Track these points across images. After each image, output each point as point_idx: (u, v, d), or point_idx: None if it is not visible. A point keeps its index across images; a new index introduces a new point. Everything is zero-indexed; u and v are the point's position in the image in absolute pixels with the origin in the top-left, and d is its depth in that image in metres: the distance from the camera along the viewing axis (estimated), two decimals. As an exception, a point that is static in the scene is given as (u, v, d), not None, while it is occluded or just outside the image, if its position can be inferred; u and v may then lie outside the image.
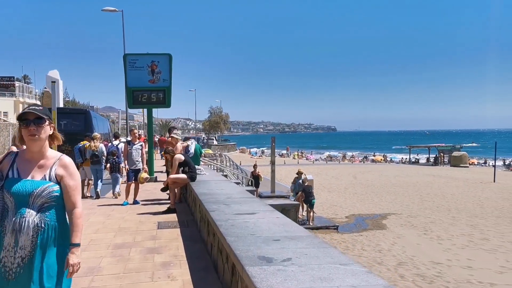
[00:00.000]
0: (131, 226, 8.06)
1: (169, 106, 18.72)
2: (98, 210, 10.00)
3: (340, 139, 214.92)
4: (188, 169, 9.32)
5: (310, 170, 44.66)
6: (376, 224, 16.77)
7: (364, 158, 70.24)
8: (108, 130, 28.25)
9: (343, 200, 23.22)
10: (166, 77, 18.55)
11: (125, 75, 18.20)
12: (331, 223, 15.99)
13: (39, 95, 74.00)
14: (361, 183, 32.48)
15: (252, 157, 73.35)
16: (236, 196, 7.31)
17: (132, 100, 18.18)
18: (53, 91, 10.99)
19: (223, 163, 27.31)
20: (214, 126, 79.70)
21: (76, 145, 12.87)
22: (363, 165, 56.36)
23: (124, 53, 21.84)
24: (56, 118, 21.44)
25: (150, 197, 12.39)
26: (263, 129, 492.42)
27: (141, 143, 11.20)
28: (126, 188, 11.01)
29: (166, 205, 10.34)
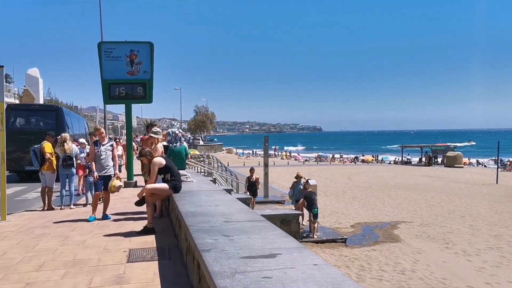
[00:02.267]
0: (92, 257, 5.86)
1: (150, 101, 16.45)
2: (54, 230, 7.75)
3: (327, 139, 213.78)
4: (170, 176, 7.15)
5: (302, 171, 42.72)
6: (388, 235, 14.77)
7: (355, 158, 68.56)
8: (85, 129, 25.82)
9: (343, 205, 21.21)
10: (147, 68, 16.27)
11: (100, 66, 15.90)
12: (337, 235, 13.93)
13: (18, 94, 70.94)
14: (358, 185, 30.57)
15: (240, 158, 71.16)
16: (237, 217, 5.17)
17: (109, 94, 15.89)
18: (0, 78, 8.70)
19: (211, 165, 25.09)
20: (200, 126, 77.28)
21: (32, 147, 10.66)
22: (355, 166, 54.58)
23: (101, 40, 19.51)
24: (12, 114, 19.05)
25: (126, 208, 10.20)
26: (249, 129, 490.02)
27: (111, 142, 8.98)
28: (94, 200, 8.80)
29: (144, 220, 8.16)
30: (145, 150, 7.31)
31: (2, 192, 8.75)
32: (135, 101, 16.65)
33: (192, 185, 8.45)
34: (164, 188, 7.08)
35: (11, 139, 18.24)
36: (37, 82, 70.74)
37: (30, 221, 8.70)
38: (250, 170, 17.75)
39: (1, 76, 8.72)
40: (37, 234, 7.41)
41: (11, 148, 18.13)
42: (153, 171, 7.12)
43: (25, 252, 6.17)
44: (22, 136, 18.16)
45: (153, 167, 7.09)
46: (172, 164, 7.32)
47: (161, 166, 7.10)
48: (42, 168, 10.41)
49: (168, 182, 7.14)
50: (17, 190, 15.51)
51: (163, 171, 7.16)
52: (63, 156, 10.47)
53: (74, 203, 10.87)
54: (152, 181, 7.13)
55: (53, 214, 9.69)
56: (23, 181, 18.27)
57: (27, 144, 18.19)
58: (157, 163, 7.09)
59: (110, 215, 8.88)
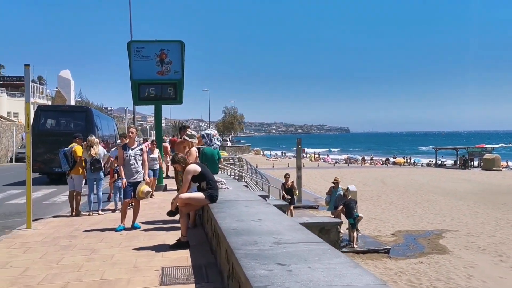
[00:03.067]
0: (120, 276, 5.20)
1: (181, 102, 15.92)
2: (81, 241, 7.17)
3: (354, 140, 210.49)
4: (206, 184, 6.44)
5: (333, 174, 41.61)
6: (433, 245, 13.72)
7: (386, 160, 66.75)
8: (114, 130, 25.56)
9: (381, 211, 20.16)
10: (178, 68, 15.73)
11: (129, 66, 15.45)
12: (379, 245, 12.99)
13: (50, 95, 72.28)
14: (392, 189, 29.35)
15: (268, 160, 70.38)
16: (288, 236, 4.40)
17: (138, 95, 15.41)
18: (26, 76, 8.19)
19: (242, 167, 24.37)
20: (229, 127, 76.88)
21: (61, 149, 10.16)
22: (387, 168, 53.00)
23: (131, 39, 19.09)
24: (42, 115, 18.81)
25: (157, 214, 9.59)
26: (275, 130, 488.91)
27: (141, 146, 8.35)
28: (122, 208, 8.19)
29: (177, 231, 7.50)
30: (178, 156, 6.62)
31: (28, 199, 8.25)
32: (165, 102, 16.15)
33: (228, 193, 7.73)
34: (200, 197, 6.38)
35: (40, 140, 18.00)
36: (69, 83, 71.92)
37: (56, 230, 8.16)
38: (285, 176, 16.86)
39: (27, 75, 8.21)
40: (63, 245, 6.83)
41: (40, 149, 17.89)
42: (186, 179, 6.43)
43: (48, 268, 5.57)
44: (51, 138, 17.89)
45: (187, 175, 6.40)
46: (208, 171, 6.61)
47: (195, 174, 6.40)
48: (72, 171, 9.96)
49: (203, 191, 6.43)
50: (46, 192, 15.18)
51: (198, 179, 6.46)
52: (91, 160, 9.97)
53: (103, 209, 10.36)
54: (185, 190, 6.44)
55: (81, 221, 9.16)
56: (53, 183, 18.01)
57: (57, 145, 17.89)
58: (191, 170, 6.40)
59: (140, 224, 8.26)
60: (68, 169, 9.96)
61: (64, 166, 9.98)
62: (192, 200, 6.40)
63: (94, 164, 9.94)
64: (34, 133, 18.33)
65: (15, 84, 58.64)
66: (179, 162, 6.52)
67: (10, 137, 36.19)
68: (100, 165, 10.04)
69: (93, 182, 10.18)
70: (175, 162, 6.54)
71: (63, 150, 10.10)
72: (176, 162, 6.53)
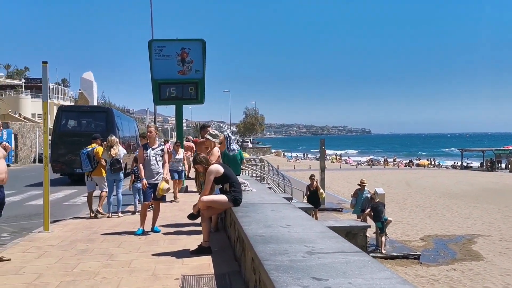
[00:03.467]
0: (137, 285, 4.84)
1: (202, 102, 15.63)
2: (99, 245, 6.85)
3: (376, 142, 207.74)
4: (229, 186, 6.04)
5: (356, 176, 40.81)
6: (466, 251, 13.04)
7: (409, 162, 65.42)
8: (135, 131, 25.47)
9: (407, 214, 19.47)
10: (199, 67, 15.45)
11: (150, 66, 15.23)
12: (409, 250, 12.39)
13: (74, 97, 73.34)
14: (418, 191, 28.51)
15: (289, 161, 69.86)
16: (321, 245, 3.96)
17: (159, 95, 15.18)
18: (44, 74, 7.96)
19: (264, 169, 23.94)
20: (250, 128, 76.55)
21: (83, 150, 9.98)
22: (411, 170, 51.85)
23: (151, 38, 18.87)
24: (63, 116, 18.72)
25: (177, 217, 9.26)
26: (296, 131, 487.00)
27: (162, 146, 8.00)
28: (142, 210, 7.85)
29: (198, 235, 7.15)
30: (200, 156, 6.24)
31: (45, 201, 7.99)
32: (186, 102, 15.87)
33: (252, 196, 7.32)
34: (223, 200, 5.99)
35: (62, 141, 17.94)
36: (92, 85, 72.86)
37: (74, 233, 7.89)
38: (310, 178, 16.30)
39: (44, 73, 7.97)
40: (80, 250, 6.53)
41: (62, 150, 17.83)
42: (208, 181, 6.04)
43: (63, 275, 5.25)
44: (72, 138, 17.81)
45: (209, 176, 6.01)
46: (231, 173, 6.21)
47: (218, 175, 6.01)
48: (94, 173, 9.76)
49: (227, 194, 6.03)
50: (66, 194, 15.06)
51: (221, 180, 6.07)
52: (111, 160, 9.69)
53: (122, 211, 10.08)
54: (207, 192, 6.06)
55: (99, 223, 8.88)
56: (73, 184, 17.91)
57: (78, 146, 17.78)
58: (213, 171, 6.01)
59: (160, 227, 7.92)
60: (90, 170, 9.74)
61: (86, 167, 9.77)
62: (215, 203, 6.01)
63: (114, 164, 9.67)
64: (55, 133, 18.42)
65: (39, 86, 59.44)
66: (201, 163, 6.14)
67: (33, 138, 36.61)
68: (120, 166, 9.77)
69: (112, 183, 9.91)
70: (197, 162, 6.16)
71: (85, 151, 9.89)
72: (197, 162, 6.16)
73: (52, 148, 18.65)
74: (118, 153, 9.83)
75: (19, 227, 9.42)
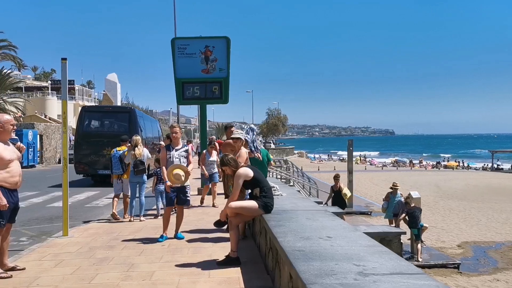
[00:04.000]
0: (160, 302, 4.33)
1: (226, 102, 15.11)
2: (119, 253, 6.39)
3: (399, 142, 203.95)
4: (260, 191, 5.49)
5: (382, 177, 39.77)
6: (507, 259, 12.18)
7: (437, 163, 63.72)
8: (158, 132, 25.19)
9: (441, 219, 18.57)
10: (223, 65, 14.94)
11: (173, 64, 14.80)
12: (448, 259, 11.61)
13: (98, 98, 74.20)
14: (449, 194, 27.42)
15: (312, 162, 68.96)
16: (373, 263, 3.37)
17: (182, 94, 14.74)
18: (63, 71, 7.57)
19: (289, 170, 23.30)
20: (272, 129, 75.88)
21: (114, 152, 9.83)
22: (439, 172, 50.35)
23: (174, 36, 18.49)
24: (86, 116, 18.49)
25: (201, 222, 8.78)
26: (318, 132, 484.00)
27: (186, 147, 7.51)
28: (164, 216, 7.37)
29: (225, 243, 6.64)
30: (228, 157, 5.71)
31: (64, 204, 7.61)
32: (210, 102, 15.39)
33: (283, 201, 6.76)
34: (253, 207, 5.44)
35: (85, 141, 17.73)
36: (116, 86, 73.50)
37: (94, 238, 7.47)
38: (335, 178, 15.50)
39: (64, 70, 7.59)
40: (98, 258, 6.08)
41: (85, 151, 17.61)
42: (236, 185, 5.51)
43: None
44: (95, 139, 17.58)
45: (237, 180, 5.47)
46: (262, 176, 5.67)
47: (247, 179, 5.46)
48: (124, 175, 9.60)
49: (257, 199, 5.49)
50: (89, 195, 14.77)
51: (251, 184, 5.53)
52: (134, 161, 9.29)
53: (144, 214, 9.66)
54: (234, 198, 5.52)
55: (121, 228, 8.45)
56: (96, 185, 17.68)
57: (101, 147, 17.58)
58: (242, 175, 5.46)
59: (183, 233, 7.43)
60: (121, 173, 9.62)
61: (117, 170, 9.63)
62: (244, 209, 5.47)
63: (138, 165, 9.27)
64: (78, 134, 18.23)
65: (65, 87, 60.31)
66: (229, 165, 5.61)
67: (58, 138, 36.84)
68: (144, 167, 9.38)
69: (135, 186, 9.51)
70: (225, 164, 5.63)
71: (117, 154, 9.74)
72: (225, 164, 5.62)
73: (75, 148, 18.48)
74: (143, 154, 9.44)
75: (39, 230, 9.09)
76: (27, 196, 14.71)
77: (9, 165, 5.26)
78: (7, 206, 5.13)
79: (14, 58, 47.53)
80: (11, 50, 47.27)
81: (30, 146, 30.71)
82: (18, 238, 8.29)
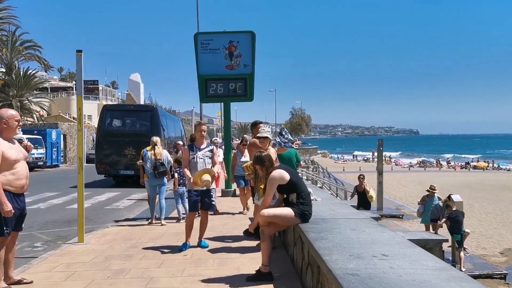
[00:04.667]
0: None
1: (251, 99, 14.45)
2: (136, 264, 5.77)
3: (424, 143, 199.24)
4: (297, 197, 4.77)
5: (410, 178, 38.49)
6: (558, 269, 11.12)
7: (466, 164, 61.66)
8: (181, 131, 24.68)
9: (478, 223, 17.48)
10: (248, 61, 14.26)
11: (196, 61, 14.21)
12: (493, 268, 10.65)
13: (121, 98, 74.63)
14: (483, 196, 26.10)
15: (336, 162, 67.74)
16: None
17: (205, 92, 14.13)
18: (78, 64, 7.01)
19: (316, 171, 22.47)
20: (296, 129, 74.98)
21: (144, 152, 9.20)
22: (469, 173, 48.59)
23: (197, 31, 17.92)
24: (108, 115, 18.04)
25: (226, 228, 8.13)
26: (341, 132, 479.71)
27: (211, 147, 6.82)
28: (187, 222, 6.71)
29: (254, 253, 5.96)
30: (263, 154, 4.96)
31: (80, 209, 7.04)
32: (234, 99, 14.73)
33: (319, 207, 6.01)
34: (288, 215, 4.73)
35: (106, 141, 17.30)
36: (139, 86, 73.72)
37: (111, 245, 6.87)
38: (359, 178, 14.67)
39: (79, 63, 7.02)
40: (114, 270, 5.46)
41: (106, 151, 17.18)
42: (270, 189, 4.80)
43: (89, 307, 4.17)
44: (117, 138, 17.13)
45: (271, 184, 4.77)
46: (300, 180, 4.96)
47: (283, 183, 4.75)
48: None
49: (293, 206, 4.78)
50: (109, 196, 14.30)
51: (286, 189, 4.81)
52: (155, 163, 8.78)
53: (166, 217, 9.11)
54: (267, 204, 4.81)
55: (140, 233, 7.85)
56: (118, 186, 17.25)
57: (122, 146, 17.12)
58: (277, 178, 4.75)
59: (207, 241, 6.77)
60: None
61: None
62: (278, 218, 4.76)
63: (159, 168, 8.77)
64: (99, 133, 17.82)
65: (89, 87, 60.79)
66: (263, 164, 4.89)
67: (82, 138, 36.79)
68: (165, 169, 8.88)
69: (154, 190, 8.96)
70: (259, 162, 4.90)
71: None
72: (260, 162, 4.90)
73: (96, 148, 18.09)
74: (163, 155, 8.92)
75: (55, 235, 8.58)
76: (47, 197, 14.37)
77: (14, 166, 4.69)
78: (12, 212, 4.56)
79: (39, 58, 48.02)
80: (36, 50, 47.76)
81: (54, 145, 30.69)
82: (33, 243, 7.80)
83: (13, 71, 43.19)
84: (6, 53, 42.92)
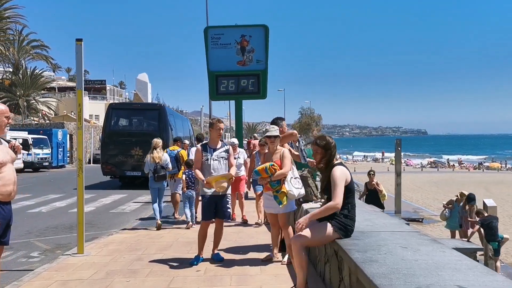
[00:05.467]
0: None
1: (264, 96, 13.71)
2: (143, 282, 5.00)
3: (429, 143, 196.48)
4: (342, 207, 3.92)
5: (424, 179, 37.49)
6: None
7: (479, 164, 60.42)
8: (189, 131, 23.94)
9: (503, 228, 16.43)
10: (261, 57, 13.51)
11: (206, 56, 13.49)
12: (530, 280, 9.82)
13: (129, 98, 74.20)
14: (503, 199, 25.02)
15: (345, 163, 66.74)
16: None
17: (216, 89, 13.40)
18: (78, 54, 6.26)
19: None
20: (305, 128, 74.00)
21: (168, 152, 9.47)
22: (484, 174, 47.39)
23: (206, 25, 17.16)
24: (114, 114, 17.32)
25: (241, 236, 7.38)
26: (349, 132, 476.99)
27: (226, 147, 6.02)
28: (200, 232, 5.91)
29: (276, 266, 5.21)
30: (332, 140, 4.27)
31: (79, 217, 6.31)
32: (247, 97, 13.97)
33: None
34: (327, 234, 3.89)
35: (112, 141, 16.57)
36: (146, 86, 73.27)
37: (114, 257, 6.11)
38: (369, 174, 13.37)
39: (79, 53, 6.27)
40: (116, 289, 4.69)
41: (112, 151, 16.47)
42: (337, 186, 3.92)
43: None
44: (124, 138, 16.42)
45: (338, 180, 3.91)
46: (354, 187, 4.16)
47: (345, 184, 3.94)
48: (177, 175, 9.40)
49: (333, 218, 3.96)
50: (115, 199, 13.57)
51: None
52: (155, 166, 8.40)
53: (175, 222, 8.52)
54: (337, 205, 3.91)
55: (147, 243, 7.10)
56: (124, 187, 16.55)
57: (129, 146, 16.39)
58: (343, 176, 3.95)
59: (222, 253, 5.99)
60: (176, 172, 9.36)
61: (174, 169, 9.26)
62: (317, 241, 3.97)
63: (159, 171, 8.41)
64: (105, 133, 17.13)
65: (97, 87, 60.44)
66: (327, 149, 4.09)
67: (88, 138, 36.25)
68: (165, 173, 8.56)
69: (156, 192, 8.56)
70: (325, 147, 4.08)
71: (172, 153, 9.57)
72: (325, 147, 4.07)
73: (101, 148, 17.40)
74: (162, 158, 8.54)
75: (54, 243, 7.84)
76: (50, 199, 13.67)
77: (0, 170, 3.93)
78: (-3, 224, 3.82)
79: (46, 57, 47.60)
80: (44, 50, 47.36)
81: (60, 146, 30.13)
82: (29, 252, 7.07)
83: (20, 71, 42.83)
84: (13, 52, 42.56)
